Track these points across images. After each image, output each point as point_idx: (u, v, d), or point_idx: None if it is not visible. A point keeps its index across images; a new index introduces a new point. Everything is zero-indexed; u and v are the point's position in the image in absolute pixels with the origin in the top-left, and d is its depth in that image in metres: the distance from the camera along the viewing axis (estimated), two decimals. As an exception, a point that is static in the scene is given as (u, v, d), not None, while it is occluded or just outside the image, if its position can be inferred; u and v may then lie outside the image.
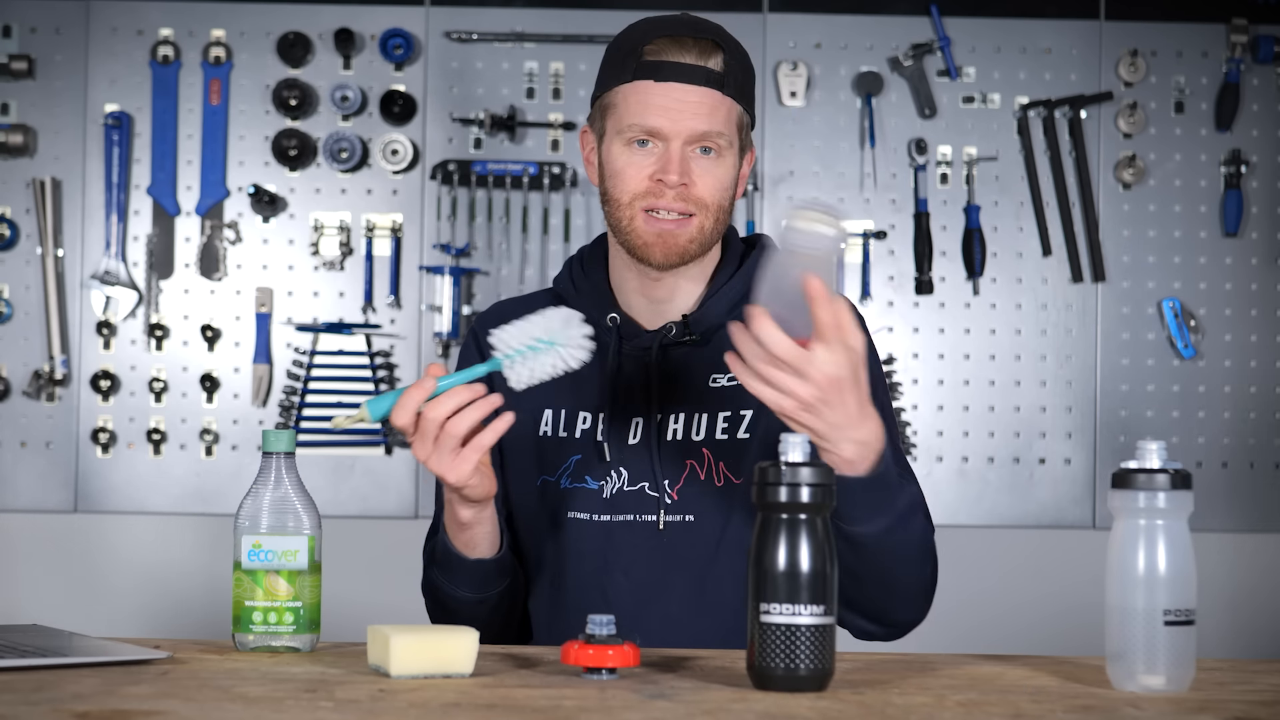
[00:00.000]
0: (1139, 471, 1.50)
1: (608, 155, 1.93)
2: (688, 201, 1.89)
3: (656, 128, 1.88)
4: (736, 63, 1.92)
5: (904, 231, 3.64)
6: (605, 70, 1.95)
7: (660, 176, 1.88)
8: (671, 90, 1.88)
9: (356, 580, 3.40)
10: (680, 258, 1.92)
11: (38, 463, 3.59)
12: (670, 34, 1.90)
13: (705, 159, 1.90)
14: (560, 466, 1.95)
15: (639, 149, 1.90)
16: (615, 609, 1.86)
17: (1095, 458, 3.62)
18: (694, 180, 1.89)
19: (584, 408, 1.97)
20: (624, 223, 1.91)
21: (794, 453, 1.49)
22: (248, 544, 1.69)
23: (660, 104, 1.88)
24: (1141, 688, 1.50)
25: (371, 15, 3.64)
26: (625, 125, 1.90)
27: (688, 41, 1.90)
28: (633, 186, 1.90)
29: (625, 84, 1.91)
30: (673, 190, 1.88)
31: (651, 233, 1.90)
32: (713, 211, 1.91)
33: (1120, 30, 3.65)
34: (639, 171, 1.90)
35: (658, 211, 1.90)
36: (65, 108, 3.62)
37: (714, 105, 1.89)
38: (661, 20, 1.93)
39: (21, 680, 1.49)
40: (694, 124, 1.88)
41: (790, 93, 3.63)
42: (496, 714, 1.38)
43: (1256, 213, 3.65)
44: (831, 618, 1.47)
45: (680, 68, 1.89)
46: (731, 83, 1.90)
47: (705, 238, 1.92)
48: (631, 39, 1.93)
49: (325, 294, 3.63)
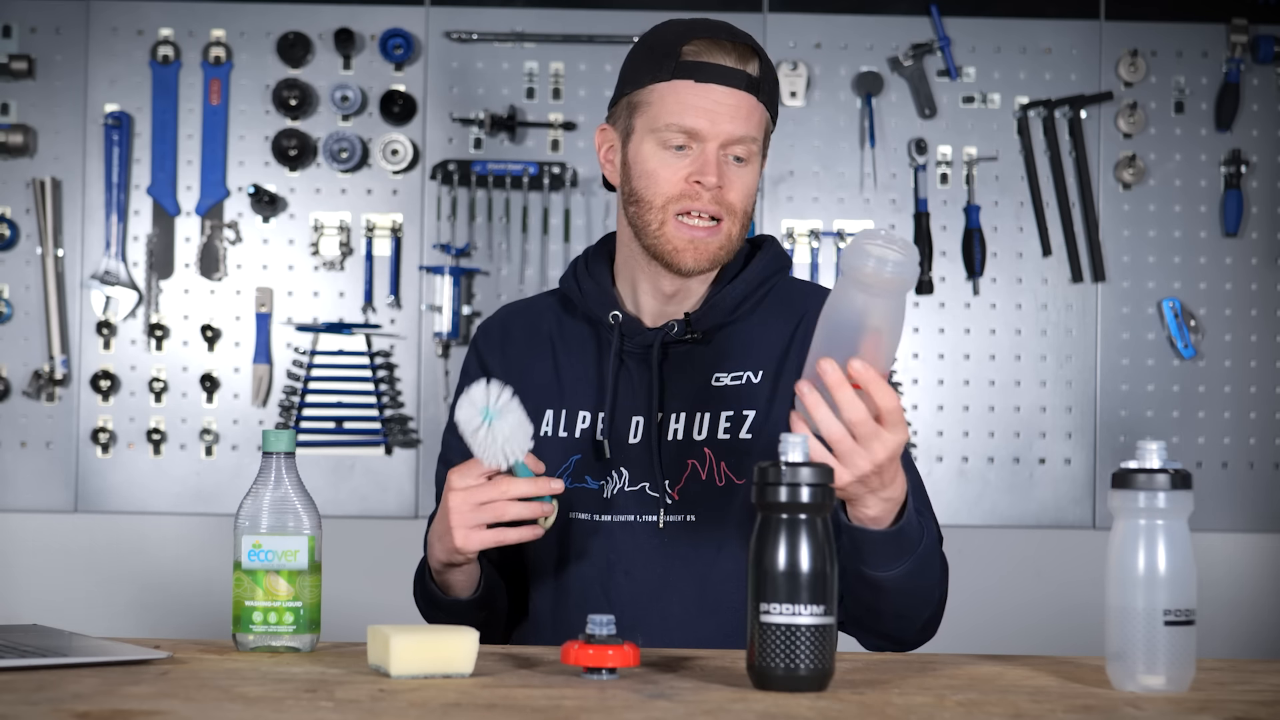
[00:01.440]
0: (1139, 471, 1.50)
1: (637, 155, 1.92)
2: (720, 205, 1.90)
3: (696, 129, 1.88)
4: (768, 71, 1.92)
5: (904, 231, 3.64)
6: (636, 67, 1.93)
7: (699, 179, 1.88)
8: (712, 92, 1.88)
9: (356, 580, 3.40)
10: (711, 263, 1.92)
11: (38, 463, 3.59)
12: (710, 36, 1.90)
13: (736, 165, 1.90)
14: (560, 466, 1.95)
15: (675, 152, 1.89)
16: (617, 609, 1.87)
17: (1095, 458, 3.62)
18: (728, 184, 1.89)
19: (584, 407, 1.97)
20: (654, 226, 1.91)
21: (794, 453, 1.49)
22: (248, 544, 1.69)
23: (701, 105, 1.88)
24: (1141, 688, 1.50)
25: (371, 15, 3.64)
26: (662, 125, 1.89)
27: (727, 45, 1.90)
28: (667, 189, 1.90)
29: (662, 82, 1.89)
30: (709, 193, 1.88)
31: (684, 239, 1.90)
32: (740, 218, 1.92)
33: (1120, 30, 3.65)
34: (674, 174, 1.89)
35: (690, 215, 1.89)
36: (65, 108, 3.62)
37: (750, 110, 1.89)
38: (696, 22, 1.93)
39: (21, 680, 1.49)
40: (732, 127, 1.88)
41: (790, 93, 3.63)
42: (496, 714, 1.38)
43: (1256, 213, 3.65)
44: (831, 618, 1.47)
45: (721, 70, 1.88)
46: (765, 89, 1.91)
47: (732, 244, 1.93)
48: (666, 39, 1.91)
49: (325, 294, 3.63)
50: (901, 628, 1.86)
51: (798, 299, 1.99)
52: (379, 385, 3.60)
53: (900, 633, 1.87)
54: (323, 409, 3.60)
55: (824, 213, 3.65)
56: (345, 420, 3.60)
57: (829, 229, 3.64)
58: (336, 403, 3.60)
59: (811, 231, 3.63)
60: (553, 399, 1.98)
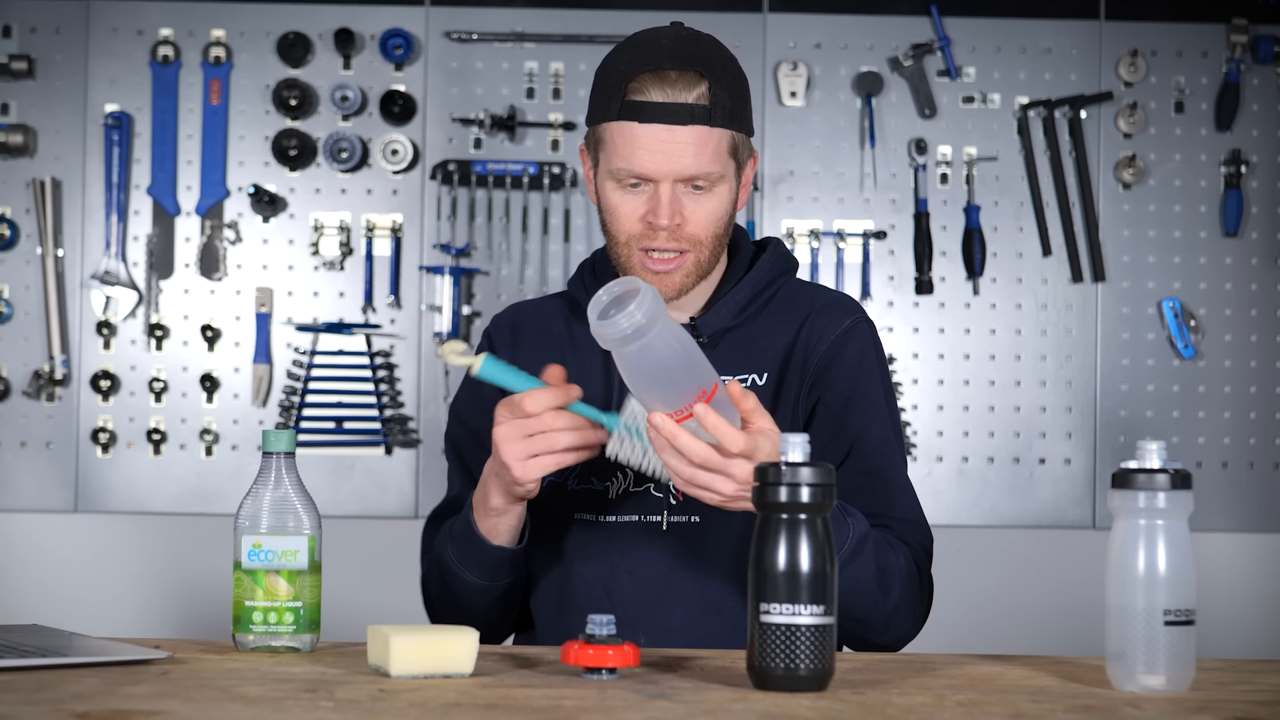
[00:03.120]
0: (1139, 471, 1.50)
1: (602, 190, 1.93)
2: (681, 240, 1.89)
3: (644, 172, 1.87)
4: (723, 88, 1.87)
5: (904, 231, 3.64)
6: (594, 101, 1.93)
7: (651, 220, 1.88)
8: (657, 132, 1.86)
9: (356, 580, 3.40)
10: (678, 293, 1.93)
11: (38, 463, 3.59)
12: (653, 67, 1.86)
13: (697, 194, 1.89)
14: (567, 468, 1.95)
15: (630, 190, 1.89)
16: (620, 609, 1.87)
17: (1095, 458, 3.62)
18: (686, 218, 1.89)
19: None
20: (622, 259, 1.93)
21: (794, 453, 1.49)
22: (248, 544, 1.69)
23: (646, 147, 1.86)
24: (1141, 688, 1.50)
25: (371, 15, 3.64)
26: (614, 167, 1.89)
27: (670, 76, 1.86)
28: (627, 227, 1.90)
29: (612, 122, 1.89)
30: (665, 231, 1.88)
31: (649, 273, 1.91)
32: (708, 245, 1.91)
33: (1120, 30, 3.65)
34: (632, 212, 1.89)
35: (652, 252, 1.90)
36: (65, 108, 3.62)
37: (701, 143, 1.86)
38: (645, 48, 1.89)
39: (21, 680, 1.49)
40: (680, 166, 1.86)
41: (790, 93, 3.63)
42: (496, 714, 1.38)
43: (1256, 213, 3.65)
44: (832, 618, 1.47)
45: (664, 109, 1.85)
46: (720, 112, 1.87)
47: (702, 269, 1.93)
48: (616, 70, 1.89)
49: (325, 294, 3.63)
50: (860, 629, 1.84)
51: (803, 300, 2.00)
52: (379, 385, 3.60)
53: (862, 634, 1.85)
54: (323, 409, 3.60)
55: (824, 213, 3.65)
56: (345, 420, 3.60)
57: (829, 229, 3.64)
58: (336, 403, 3.60)
59: (811, 231, 3.63)
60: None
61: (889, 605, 1.84)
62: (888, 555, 1.84)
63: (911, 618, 1.89)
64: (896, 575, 1.84)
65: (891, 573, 1.84)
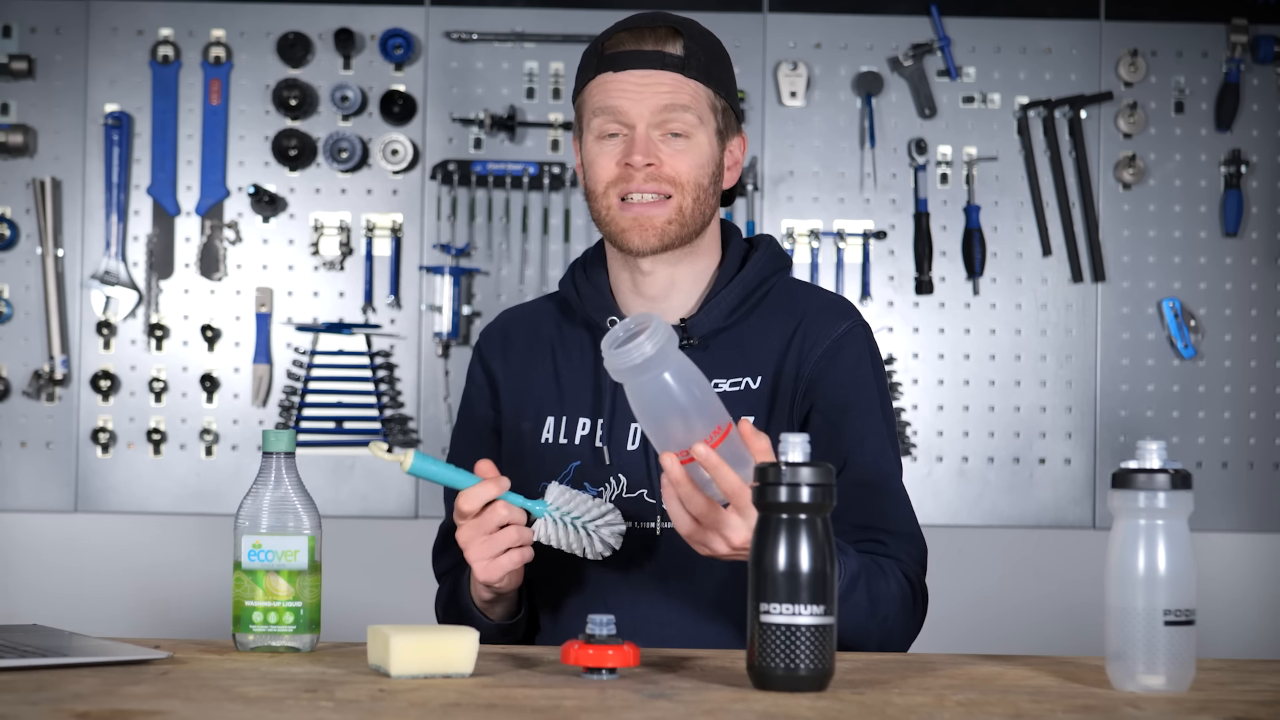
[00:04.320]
0: (1139, 471, 1.50)
1: (585, 153, 1.96)
2: (660, 181, 1.91)
3: (617, 107, 1.90)
4: (700, 48, 1.93)
5: (904, 231, 3.64)
6: (577, 77, 1.99)
7: (628, 160, 1.90)
8: (630, 76, 1.91)
9: (356, 580, 3.40)
10: (659, 239, 1.92)
11: (38, 463, 3.59)
12: (629, 28, 1.94)
13: (675, 141, 1.91)
14: (561, 473, 1.95)
15: (609, 140, 1.92)
16: (614, 614, 1.87)
17: (1095, 458, 3.62)
18: (663, 160, 1.91)
19: (583, 414, 1.97)
20: (602, 212, 1.94)
21: (794, 453, 1.49)
22: (248, 544, 1.69)
23: (619, 89, 1.91)
24: (1141, 688, 1.50)
25: (371, 15, 3.64)
26: (592, 117, 1.93)
27: (644, 32, 1.93)
28: (604, 175, 1.92)
29: (590, 81, 1.94)
30: (641, 172, 1.90)
31: (628, 218, 1.91)
32: (690, 190, 1.92)
33: (1120, 30, 3.65)
34: (609, 160, 1.92)
35: (631, 196, 1.91)
36: (65, 108, 3.62)
37: (675, 85, 1.91)
38: (625, 19, 1.97)
39: (21, 680, 1.49)
40: (654, 100, 1.90)
41: (790, 93, 3.63)
42: (496, 714, 1.38)
43: (1256, 213, 3.65)
44: (831, 618, 1.47)
45: (637, 55, 1.91)
46: (695, 65, 1.92)
47: (685, 218, 1.92)
48: (596, 43, 1.96)
49: (325, 294, 3.63)
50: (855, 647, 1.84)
51: (797, 302, 1.98)
52: (379, 385, 3.60)
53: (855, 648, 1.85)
54: (323, 409, 3.60)
55: (824, 213, 3.65)
56: (345, 420, 3.60)
57: (829, 229, 3.64)
58: (336, 403, 3.60)
59: (811, 231, 3.63)
60: (553, 405, 1.98)
61: (883, 630, 1.85)
62: (880, 584, 1.84)
63: (904, 635, 1.90)
64: (889, 601, 1.85)
65: (884, 600, 1.84)
